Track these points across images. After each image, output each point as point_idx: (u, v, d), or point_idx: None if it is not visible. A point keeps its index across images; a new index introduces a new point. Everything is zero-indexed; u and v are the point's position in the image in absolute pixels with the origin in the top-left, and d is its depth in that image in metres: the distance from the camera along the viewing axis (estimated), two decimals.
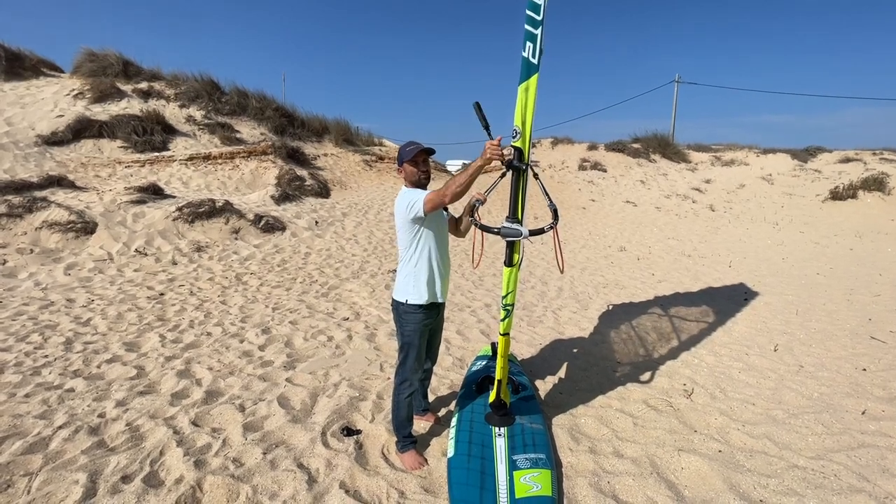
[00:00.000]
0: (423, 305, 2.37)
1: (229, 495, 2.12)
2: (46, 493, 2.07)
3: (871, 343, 4.22)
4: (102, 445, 2.45)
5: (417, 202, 2.24)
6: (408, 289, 2.38)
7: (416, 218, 2.27)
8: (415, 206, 2.24)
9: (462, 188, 2.10)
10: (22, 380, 3.12)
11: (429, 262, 2.38)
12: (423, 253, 2.37)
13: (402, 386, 2.42)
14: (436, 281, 2.40)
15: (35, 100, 11.61)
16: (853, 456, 2.46)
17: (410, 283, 2.37)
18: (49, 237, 6.31)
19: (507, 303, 2.36)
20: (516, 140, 1.92)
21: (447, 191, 2.14)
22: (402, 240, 2.40)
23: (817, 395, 3.21)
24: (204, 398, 2.97)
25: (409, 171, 2.36)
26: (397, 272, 2.45)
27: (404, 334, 2.41)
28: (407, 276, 2.39)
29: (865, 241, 10.33)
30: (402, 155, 2.36)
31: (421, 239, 2.36)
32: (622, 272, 7.07)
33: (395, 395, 2.44)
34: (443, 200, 2.16)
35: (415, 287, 2.37)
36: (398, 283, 2.43)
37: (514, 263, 2.25)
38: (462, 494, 2.11)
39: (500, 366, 2.44)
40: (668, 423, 2.81)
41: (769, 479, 2.27)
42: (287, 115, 14.09)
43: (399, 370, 2.44)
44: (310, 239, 7.76)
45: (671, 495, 2.17)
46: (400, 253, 2.44)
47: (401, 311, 2.40)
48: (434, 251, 2.39)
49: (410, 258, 2.38)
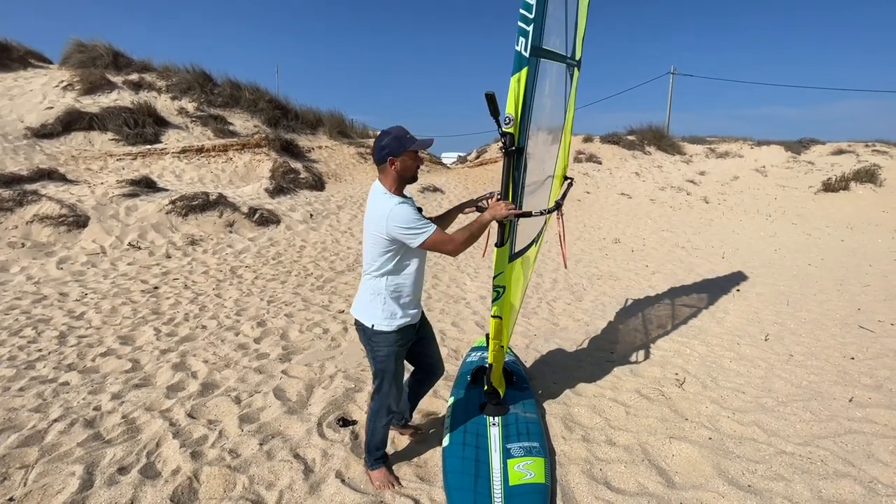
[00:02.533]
0: (397, 330, 2.02)
1: (226, 485, 2.14)
2: (43, 486, 2.08)
3: (859, 332, 4.29)
4: (98, 438, 2.46)
5: (418, 236, 1.87)
6: (375, 312, 2.00)
7: (402, 243, 1.92)
8: (412, 236, 1.88)
9: (469, 244, 1.94)
10: (16, 374, 3.12)
11: (408, 281, 2.01)
12: (399, 270, 1.98)
13: (380, 413, 2.13)
14: (413, 302, 2.07)
15: (23, 91, 11.42)
16: (840, 442, 2.51)
17: (378, 305, 1.99)
18: (40, 231, 6.25)
19: (497, 283, 2.26)
20: (509, 126, 1.98)
21: (455, 245, 1.91)
22: (371, 251, 1.97)
23: (806, 383, 3.26)
24: (200, 390, 2.98)
25: (405, 166, 1.93)
26: (361, 286, 2.07)
27: (377, 360, 2.07)
28: (375, 295, 1.99)
29: (857, 233, 10.44)
30: (402, 144, 1.90)
31: (400, 256, 1.96)
32: (616, 264, 7.12)
33: (371, 420, 2.15)
34: (444, 251, 1.92)
35: (383, 310, 1.99)
36: (362, 302, 2.04)
37: (504, 243, 2.20)
38: (457, 482, 2.14)
39: (491, 349, 2.46)
40: (660, 411, 2.86)
41: (757, 464, 2.32)
42: (281, 107, 13.96)
43: (375, 396, 2.13)
44: (305, 232, 7.74)
45: (662, 481, 2.21)
46: (365, 264, 2.01)
47: (368, 334, 2.04)
48: (416, 269, 2.02)
49: (381, 275, 1.98)
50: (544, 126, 2.52)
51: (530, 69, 1.93)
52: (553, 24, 2.13)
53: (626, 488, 2.18)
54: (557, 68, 2.47)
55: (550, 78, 2.35)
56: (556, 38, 2.27)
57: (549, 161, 2.84)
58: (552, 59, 2.27)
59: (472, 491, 2.10)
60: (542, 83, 2.15)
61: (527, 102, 1.98)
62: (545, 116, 2.45)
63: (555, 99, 2.61)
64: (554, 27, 2.16)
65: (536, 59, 1.98)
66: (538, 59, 2.00)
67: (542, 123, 2.43)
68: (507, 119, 1.96)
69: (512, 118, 1.95)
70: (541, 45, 1.99)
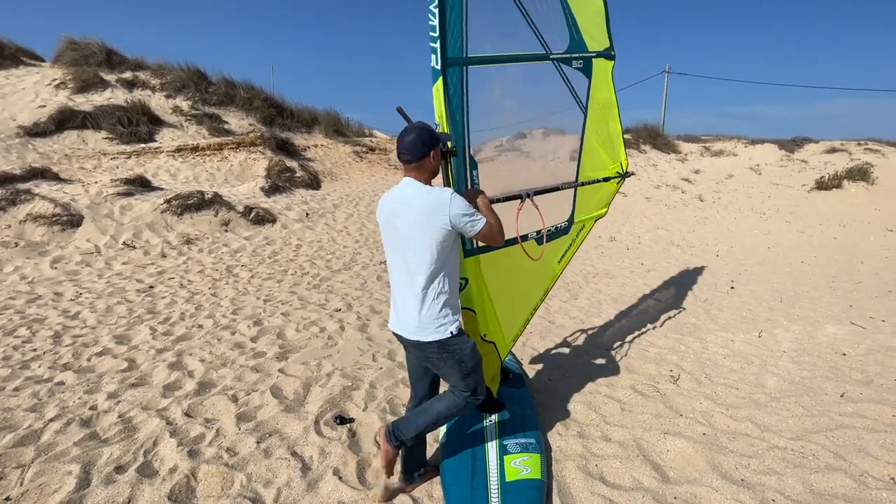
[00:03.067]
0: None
1: (224, 483, 2.14)
2: (40, 485, 2.08)
3: (851, 329, 4.34)
4: (95, 437, 2.45)
5: (477, 222, 1.86)
6: (447, 318, 1.91)
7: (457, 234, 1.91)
8: (473, 222, 1.86)
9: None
10: (11, 373, 3.10)
11: (457, 273, 2.01)
12: (453, 262, 1.95)
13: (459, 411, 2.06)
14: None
15: (15, 90, 11.32)
16: (831, 436, 2.55)
17: (448, 310, 1.92)
18: (34, 230, 6.20)
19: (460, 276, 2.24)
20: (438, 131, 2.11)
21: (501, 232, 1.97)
22: (425, 254, 1.86)
23: (798, 378, 3.30)
24: (196, 389, 2.98)
25: (437, 160, 1.95)
26: (414, 303, 1.90)
27: (465, 361, 1.95)
28: (440, 299, 1.90)
29: (849, 230, 10.54)
30: (438, 137, 1.93)
31: (453, 249, 1.93)
32: (612, 262, 7.15)
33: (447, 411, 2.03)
34: (493, 239, 1.96)
35: (453, 308, 1.95)
36: (428, 318, 1.89)
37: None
38: (454, 478, 2.16)
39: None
40: (655, 407, 2.88)
41: (751, 459, 2.35)
42: (276, 106, 13.90)
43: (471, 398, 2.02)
44: (301, 231, 7.73)
45: (657, 476, 2.23)
46: (417, 274, 1.88)
47: (445, 346, 1.91)
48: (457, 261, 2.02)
49: (441, 274, 1.90)
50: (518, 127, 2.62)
51: (450, 79, 2.05)
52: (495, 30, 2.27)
53: (622, 483, 2.21)
54: (524, 68, 2.50)
55: (504, 81, 2.42)
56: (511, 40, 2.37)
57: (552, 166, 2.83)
58: (497, 63, 2.35)
59: (470, 487, 2.12)
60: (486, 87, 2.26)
61: (454, 109, 2.09)
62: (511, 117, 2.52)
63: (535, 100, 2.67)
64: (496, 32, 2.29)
65: (460, 69, 2.10)
66: (463, 67, 2.11)
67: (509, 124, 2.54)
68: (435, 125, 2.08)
69: (438, 123, 2.08)
70: (463, 55, 2.10)
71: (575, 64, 2.65)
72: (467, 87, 2.13)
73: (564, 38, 2.59)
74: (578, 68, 2.67)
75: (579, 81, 2.71)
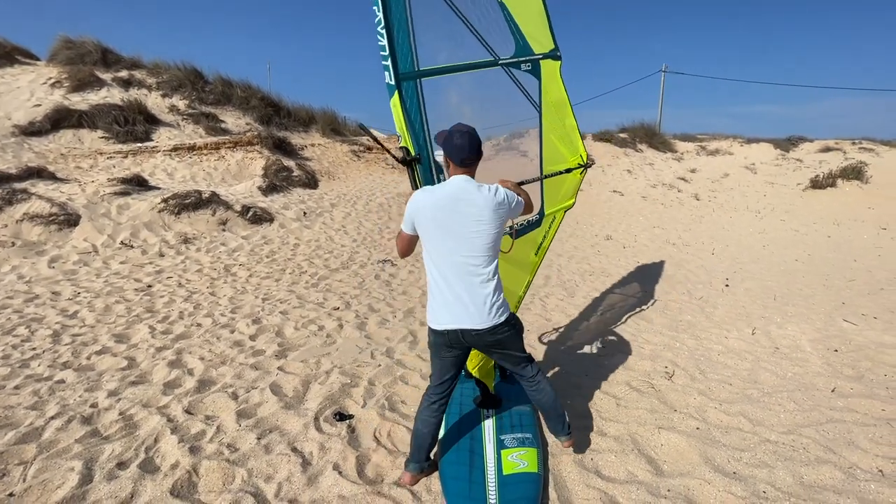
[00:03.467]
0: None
1: (225, 479, 2.17)
2: (43, 481, 2.10)
3: (843, 326, 4.41)
4: (96, 434, 2.48)
5: (521, 203, 2.16)
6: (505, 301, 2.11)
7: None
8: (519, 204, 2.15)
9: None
10: (10, 372, 3.12)
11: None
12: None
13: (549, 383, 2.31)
14: None
15: (10, 89, 11.26)
16: (821, 430, 2.60)
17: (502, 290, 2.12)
18: (31, 230, 6.20)
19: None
20: (402, 142, 2.26)
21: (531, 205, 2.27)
22: (490, 245, 2.02)
23: (791, 374, 3.36)
24: (196, 387, 3.00)
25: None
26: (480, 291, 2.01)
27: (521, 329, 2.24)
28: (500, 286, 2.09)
29: (843, 229, 10.64)
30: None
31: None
32: (608, 260, 7.21)
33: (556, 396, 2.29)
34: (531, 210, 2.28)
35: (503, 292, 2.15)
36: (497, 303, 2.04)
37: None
38: (452, 472, 2.20)
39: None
40: (650, 403, 2.93)
41: (742, 452, 2.40)
42: (273, 105, 13.88)
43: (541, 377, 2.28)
44: (298, 230, 7.74)
45: (651, 469, 2.28)
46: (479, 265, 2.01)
47: (514, 321, 2.16)
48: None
49: (496, 264, 2.08)
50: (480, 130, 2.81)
51: (405, 93, 2.22)
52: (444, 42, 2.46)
53: (616, 476, 2.25)
54: (476, 76, 2.65)
55: (459, 89, 2.58)
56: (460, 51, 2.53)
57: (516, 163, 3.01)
58: (449, 73, 2.49)
59: (468, 480, 2.16)
60: (443, 96, 2.45)
61: (412, 120, 2.25)
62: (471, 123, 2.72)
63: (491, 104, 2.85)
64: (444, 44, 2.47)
65: (414, 82, 2.26)
66: (417, 80, 2.27)
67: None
68: (398, 137, 2.25)
69: (399, 135, 2.23)
70: (415, 69, 2.27)
71: (523, 67, 2.84)
72: (423, 98, 2.29)
73: (510, 44, 2.77)
74: (527, 70, 2.87)
75: (530, 83, 2.90)
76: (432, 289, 2.07)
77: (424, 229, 2.02)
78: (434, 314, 2.07)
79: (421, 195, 2.03)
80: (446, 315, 2.03)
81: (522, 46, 2.82)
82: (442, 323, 2.04)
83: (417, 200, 2.03)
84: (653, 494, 2.10)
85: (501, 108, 2.89)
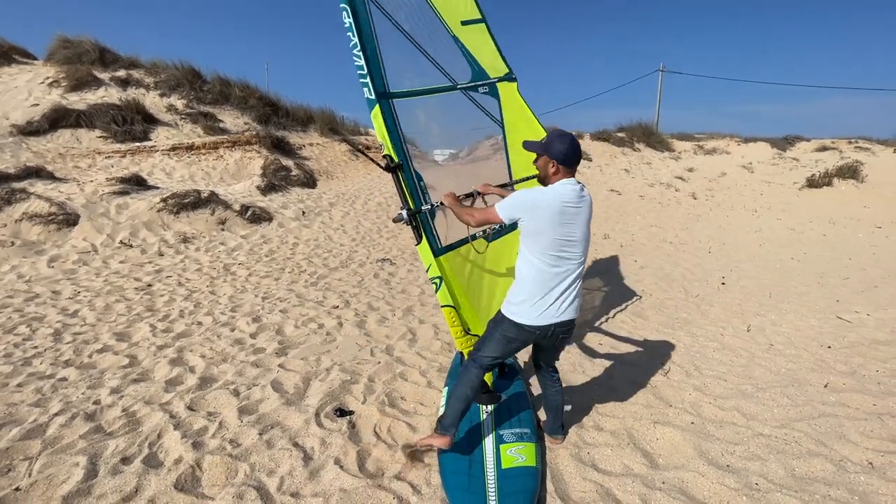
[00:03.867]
0: None
1: (228, 473, 2.21)
2: (48, 476, 2.13)
3: (837, 323, 4.46)
4: (100, 430, 2.51)
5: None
6: None
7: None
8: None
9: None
10: (13, 370, 3.14)
11: None
12: None
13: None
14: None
15: (7, 88, 11.25)
16: (813, 424, 2.65)
17: None
18: (30, 229, 6.21)
19: (431, 276, 2.48)
20: (385, 150, 2.47)
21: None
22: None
23: (784, 370, 3.41)
24: (198, 384, 3.03)
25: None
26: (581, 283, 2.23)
27: None
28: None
29: (838, 228, 10.71)
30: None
31: None
32: (606, 259, 7.25)
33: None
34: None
35: None
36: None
37: (421, 241, 2.47)
38: (452, 466, 2.24)
39: (456, 337, 2.54)
40: (646, 398, 2.98)
41: (736, 446, 2.45)
42: (271, 104, 13.88)
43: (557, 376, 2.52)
44: (297, 229, 7.77)
45: (646, 463, 2.32)
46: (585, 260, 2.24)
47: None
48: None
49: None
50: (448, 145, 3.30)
51: (382, 108, 2.45)
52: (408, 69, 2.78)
53: (612, 470, 2.29)
54: (439, 98, 2.97)
55: (425, 109, 2.88)
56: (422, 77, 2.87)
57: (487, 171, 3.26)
58: (415, 96, 2.79)
59: (467, 474, 2.20)
60: (412, 114, 2.71)
61: (392, 131, 2.49)
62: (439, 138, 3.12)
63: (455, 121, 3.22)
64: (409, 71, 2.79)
65: (387, 101, 2.51)
66: (389, 100, 2.53)
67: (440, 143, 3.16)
68: (381, 145, 2.48)
69: (383, 144, 2.46)
70: (387, 90, 2.53)
71: (482, 90, 3.24)
72: (397, 114, 2.57)
73: (467, 71, 3.17)
74: (485, 93, 3.27)
75: (490, 103, 3.32)
76: (534, 286, 2.10)
77: (546, 224, 2.03)
78: (534, 310, 2.10)
79: (550, 192, 2.07)
80: (551, 310, 2.10)
81: (478, 72, 3.23)
82: (547, 318, 2.10)
83: (546, 195, 2.05)
84: (648, 487, 2.15)
85: (465, 125, 3.28)
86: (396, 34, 2.69)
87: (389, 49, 2.55)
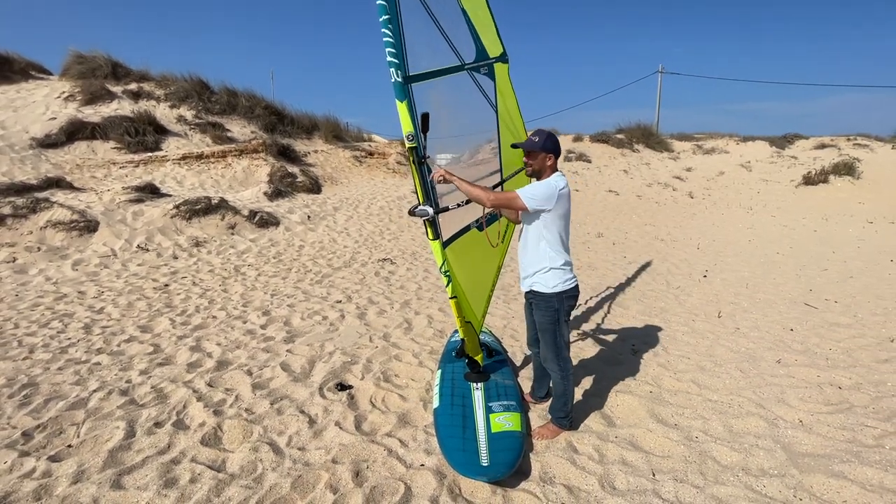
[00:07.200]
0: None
1: (245, 433, 2.59)
2: (94, 436, 2.52)
3: (804, 309, 4.77)
4: (133, 403, 2.90)
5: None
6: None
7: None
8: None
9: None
10: (52, 357, 3.55)
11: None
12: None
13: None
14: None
15: (26, 103, 11.82)
16: (758, 391, 2.98)
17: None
18: (54, 235, 6.67)
19: (443, 270, 2.58)
20: (412, 142, 2.31)
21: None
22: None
23: (744, 349, 3.74)
24: (216, 366, 3.43)
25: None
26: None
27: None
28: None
29: (831, 223, 10.95)
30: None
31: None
32: (596, 255, 7.58)
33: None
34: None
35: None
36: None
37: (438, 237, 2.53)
38: (448, 432, 2.58)
39: (458, 325, 2.89)
40: (613, 373, 3.32)
41: (685, 409, 2.79)
42: (276, 113, 14.38)
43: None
44: (303, 232, 8.18)
45: (604, 423, 2.68)
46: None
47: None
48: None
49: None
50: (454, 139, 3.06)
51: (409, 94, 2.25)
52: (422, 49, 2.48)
53: (578, 429, 2.64)
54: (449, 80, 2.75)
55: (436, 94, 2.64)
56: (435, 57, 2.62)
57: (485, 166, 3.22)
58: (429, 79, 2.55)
59: (461, 437, 2.53)
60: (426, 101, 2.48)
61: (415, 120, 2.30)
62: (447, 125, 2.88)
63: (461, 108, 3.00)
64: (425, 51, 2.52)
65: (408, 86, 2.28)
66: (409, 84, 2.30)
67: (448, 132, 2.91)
68: (409, 136, 2.28)
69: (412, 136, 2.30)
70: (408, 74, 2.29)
71: (482, 70, 3.06)
72: (414, 102, 2.34)
73: (472, 49, 2.97)
74: (486, 74, 3.09)
75: (487, 85, 3.14)
76: (560, 258, 2.51)
77: (562, 209, 2.49)
78: (566, 276, 2.53)
79: (558, 182, 2.48)
80: (570, 277, 2.56)
81: (481, 51, 3.04)
82: (571, 283, 2.56)
83: (560, 186, 2.47)
84: (602, 440, 2.50)
85: (470, 110, 3.11)
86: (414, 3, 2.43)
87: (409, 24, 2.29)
